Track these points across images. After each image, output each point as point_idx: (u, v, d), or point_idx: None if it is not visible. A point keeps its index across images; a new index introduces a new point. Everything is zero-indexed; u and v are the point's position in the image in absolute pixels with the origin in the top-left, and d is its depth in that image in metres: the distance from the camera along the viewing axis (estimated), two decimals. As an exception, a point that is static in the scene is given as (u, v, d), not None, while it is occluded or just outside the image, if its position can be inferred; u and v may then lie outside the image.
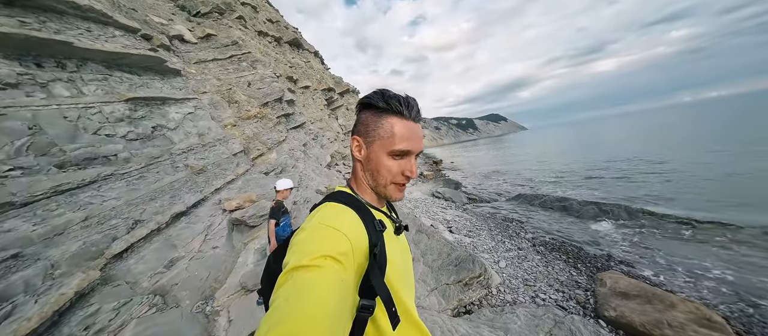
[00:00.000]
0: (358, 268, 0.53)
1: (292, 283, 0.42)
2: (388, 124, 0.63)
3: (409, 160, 0.65)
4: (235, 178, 6.57)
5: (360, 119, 0.69)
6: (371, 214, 0.64)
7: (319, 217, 0.57)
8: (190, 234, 3.85)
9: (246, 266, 3.37)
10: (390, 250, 0.62)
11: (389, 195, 0.67)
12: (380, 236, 0.60)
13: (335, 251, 0.48)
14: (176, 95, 6.14)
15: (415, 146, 0.64)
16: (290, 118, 12.14)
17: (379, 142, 0.64)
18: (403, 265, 0.68)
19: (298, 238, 0.53)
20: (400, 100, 0.63)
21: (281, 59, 15.99)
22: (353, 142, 0.69)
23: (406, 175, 0.65)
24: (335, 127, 18.37)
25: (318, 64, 21.92)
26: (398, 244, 0.70)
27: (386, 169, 0.65)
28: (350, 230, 0.54)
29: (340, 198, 0.67)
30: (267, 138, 8.99)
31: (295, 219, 5.11)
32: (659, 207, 7.14)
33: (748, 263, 4.19)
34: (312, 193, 7.21)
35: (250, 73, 10.48)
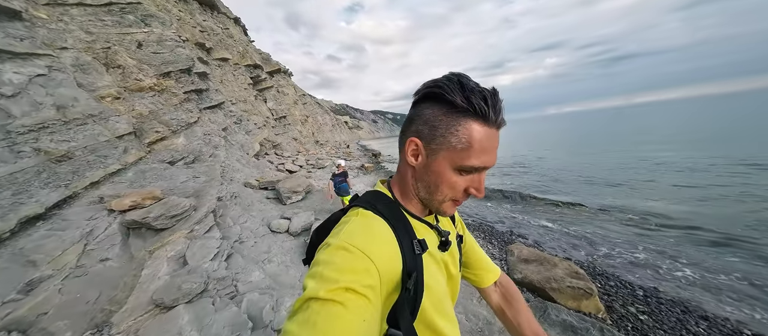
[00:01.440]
0: (387, 299, 0.46)
1: (305, 318, 0.36)
2: (466, 131, 0.47)
3: (480, 176, 0.51)
4: (122, 169, 5.06)
5: (422, 115, 0.51)
6: (411, 231, 0.53)
7: (347, 232, 0.47)
8: (58, 245, 2.73)
9: (157, 279, 2.64)
10: (430, 273, 0.53)
11: (442, 211, 0.55)
12: (419, 262, 0.50)
13: (359, 283, 0.40)
14: (15, 48, 4.19)
15: (493, 160, 0.50)
16: (203, 95, 10.06)
17: (448, 152, 0.49)
18: (444, 288, 0.58)
19: (321, 256, 0.44)
20: (486, 98, 0.46)
21: (187, 20, 12.92)
22: (409, 144, 0.53)
23: (471, 193, 0.52)
24: (264, 111, 16.27)
25: (240, 35, 18.73)
26: (440, 263, 0.59)
27: (449, 185, 0.51)
28: (381, 255, 0.45)
29: (376, 204, 0.55)
30: (171, 118, 7.22)
31: (222, 217, 4.33)
32: (540, 193, 9.35)
33: (592, 230, 6.01)
34: (239, 187, 6.26)
35: (141, 31, 8.09)
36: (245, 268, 3.19)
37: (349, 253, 0.43)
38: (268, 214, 5.16)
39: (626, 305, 3.20)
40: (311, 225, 4.55)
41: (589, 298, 2.88)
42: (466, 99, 0.46)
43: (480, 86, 0.48)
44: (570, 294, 2.92)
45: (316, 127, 32.42)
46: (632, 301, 3.33)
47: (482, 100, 0.46)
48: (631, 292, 3.57)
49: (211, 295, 2.59)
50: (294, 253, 3.86)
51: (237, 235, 4.02)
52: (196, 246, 3.30)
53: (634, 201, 7.79)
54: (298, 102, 24.79)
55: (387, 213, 0.53)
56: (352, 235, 0.46)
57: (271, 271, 3.37)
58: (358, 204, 0.57)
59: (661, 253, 4.83)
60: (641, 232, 5.78)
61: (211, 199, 4.43)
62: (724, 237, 5.16)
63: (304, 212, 5.02)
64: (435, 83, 0.49)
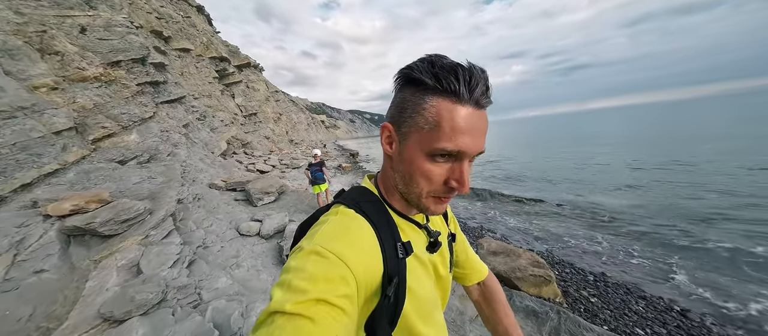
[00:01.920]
0: (365, 305, 0.42)
1: (268, 334, 0.32)
2: (433, 109, 0.42)
3: (460, 164, 0.44)
4: (60, 169, 4.48)
5: (394, 99, 0.48)
6: (396, 232, 0.49)
7: (322, 234, 0.43)
8: None
9: (105, 291, 2.36)
10: (416, 277, 0.49)
11: (425, 208, 0.48)
12: (402, 266, 0.46)
13: (333, 293, 0.35)
14: None
15: (473, 145, 0.42)
16: (160, 88, 9.22)
17: (417, 135, 0.43)
18: (431, 292, 0.53)
19: (291, 262, 0.39)
20: (457, 73, 0.41)
21: (142, 5, 11.72)
22: (383, 130, 0.49)
23: (452, 186, 0.45)
24: (231, 107, 15.30)
25: (204, 25, 17.40)
26: (428, 265, 0.54)
27: (423, 175, 0.44)
28: (359, 259, 0.40)
29: (360, 202, 0.51)
30: (121, 112, 6.53)
31: (182, 221, 4.01)
32: (505, 190, 9.96)
33: (552, 223, 6.58)
34: (203, 188, 5.83)
35: (85, 15, 7.18)
36: (210, 274, 2.98)
37: (323, 258, 0.38)
38: (237, 217, 4.88)
39: (579, 289, 3.54)
40: (285, 226, 4.39)
41: (548, 285, 3.14)
42: (434, 76, 0.41)
43: (454, 62, 0.42)
44: (532, 281, 3.16)
45: (291, 126, 31.26)
46: (585, 285, 3.70)
47: (452, 74, 0.41)
48: (583, 277, 3.96)
49: (171, 304, 2.39)
50: (266, 256, 3.70)
51: (200, 240, 3.75)
52: (152, 253, 3.02)
53: (587, 197, 8.63)
54: (271, 99, 23.70)
55: (370, 211, 0.49)
56: (329, 237, 0.42)
57: (240, 276, 3.20)
58: (340, 201, 0.52)
59: (609, 242, 5.42)
60: (594, 224, 6.44)
61: (170, 202, 4.07)
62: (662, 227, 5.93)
63: (278, 213, 4.83)
64: (407, 66, 0.45)
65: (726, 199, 7.26)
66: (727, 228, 5.59)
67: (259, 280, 3.13)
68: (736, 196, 7.33)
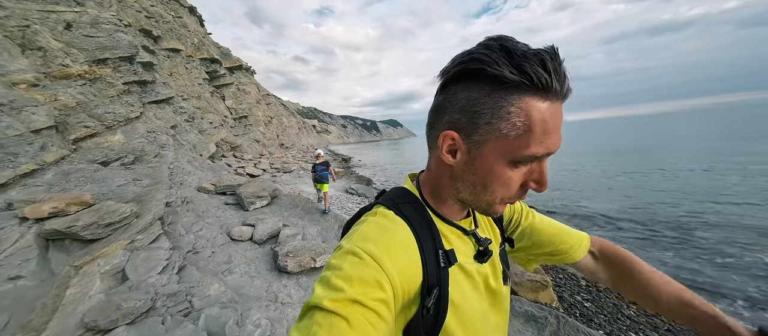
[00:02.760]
0: (404, 310, 0.40)
1: (307, 329, 0.32)
2: (521, 111, 0.36)
3: (541, 165, 0.40)
4: (38, 169, 4.24)
5: (456, 101, 0.40)
6: (438, 239, 0.45)
7: (360, 234, 0.41)
8: None
9: (88, 299, 2.19)
10: (459, 289, 0.45)
11: (491, 212, 0.45)
12: (443, 276, 0.42)
13: (368, 296, 0.34)
14: None
15: (557, 143, 0.39)
16: (148, 88, 8.94)
17: (498, 143, 0.38)
18: (479, 307, 0.47)
19: (331, 260, 0.39)
20: (544, 63, 0.34)
21: (131, 3, 11.42)
22: (444, 140, 0.42)
23: (531, 187, 0.41)
24: (221, 109, 14.98)
25: (195, 25, 17.10)
26: (476, 277, 0.48)
27: (501, 183, 0.40)
28: (396, 265, 0.38)
29: (400, 204, 0.47)
30: (105, 111, 6.27)
31: (171, 225, 3.83)
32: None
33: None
34: (191, 191, 5.63)
35: (72, 11, 6.93)
36: (202, 281, 2.85)
37: (360, 259, 0.37)
38: (228, 221, 4.71)
39: (574, 294, 3.61)
40: (279, 231, 4.27)
41: (544, 290, 3.18)
42: (518, 68, 0.34)
43: (533, 48, 0.35)
44: (529, 287, 3.19)
45: (282, 130, 30.86)
46: (578, 290, 3.77)
47: (540, 66, 0.34)
48: (576, 283, 4.04)
49: (161, 313, 2.26)
50: (260, 262, 3.58)
51: (190, 245, 3.59)
52: (139, 258, 2.86)
53: (576, 202, 8.90)
54: (262, 102, 23.38)
55: (410, 214, 0.46)
56: (366, 238, 0.40)
57: (233, 283, 3.07)
58: (380, 202, 0.50)
59: None
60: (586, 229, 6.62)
61: (158, 205, 3.90)
62: (650, 232, 6.19)
63: (271, 218, 4.70)
64: (469, 56, 0.37)
65: (703, 203, 7.71)
66: (708, 232, 5.90)
67: (253, 287, 3.02)
68: (710, 200, 7.82)
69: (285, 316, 2.54)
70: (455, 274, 0.45)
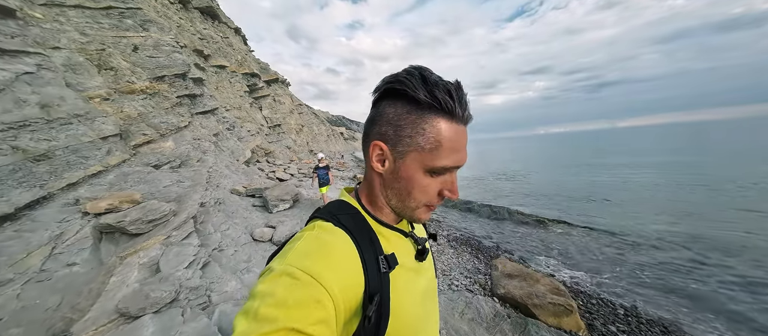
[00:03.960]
0: (345, 328, 0.39)
1: None
2: (434, 129, 0.43)
3: (452, 176, 0.47)
4: (103, 171, 4.94)
5: (383, 115, 0.46)
6: (378, 246, 0.46)
7: (295, 252, 0.39)
8: (23, 247, 2.60)
9: (125, 287, 2.52)
10: (400, 292, 0.46)
11: (417, 218, 0.49)
12: (384, 282, 0.43)
13: (306, 320, 0.32)
14: (6, 45, 4.16)
15: (464, 158, 0.46)
16: (197, 100, 10.05)
17: (417, 154, 0.44)
18: (421, 305, 0.50)
19: (259, 287, 0.36)
20: (450, 92, 0.42)
21: (187, 27, 13.08)
22: (374, 148, 0.47)
23: (444, 195, 0.47)
24: (258, 118, 16.28)
25: (240, 44, 19.00)
26: (416, 277, 0.51)
27: (421, 190, 0.46)
28: (337, 278, 0.38)
29: (338, 215, 0.48)
30: (161, 121, 7.16)
31: (203, 223, 4.22)
32: (526, 209, 9.45)
33: (576, 247, 6.08)
34: (225, 193, 6.15)
35: (139, 35, 8.14)
36: (222, 277, 3.08)
37: (295, 280, 0.35)
38: (252, 222, 5.05)
39: (607, 324, 3.19)
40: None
41: (569, 316, 2.87)
42: (430, 93, 0.41)
43: (443, 79, 0.43)
44: (551, 310, 2.91)
45: (311, 137, 32.47)
46: (613, 319, 3.33)
47: (447, 94, 0.42)
48: (612, 310, 3.57)
49: (182, 305, 2.48)
50: (275, 263, 3.77)
51: (216, 243, 3.91)
52: (172, 253, 3.19)
53: (619, 220, 7.92)
54: (294, 111, 24.90)
55: (349, 224, 0.46)
56: (303, 255, 0.39)
57: (249, 281, 3.27)
58: (316, 215, 0.50)
59: (644, 272, 4.88)
60: (626, 251, 5.85)
61: (193, 205, 4.33)
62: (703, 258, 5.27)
63: (291, 220, 4.94)
64: (395, 78, 0.44)
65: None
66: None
67: (267, 287, 3.18)
68: None
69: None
70: (397, 276, 0.46)
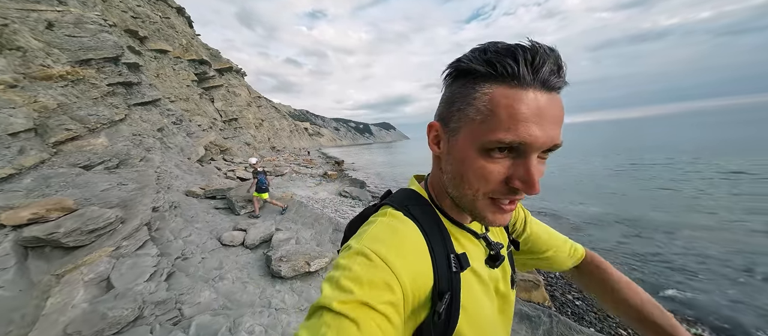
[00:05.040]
0: (413, 315, 0.39)
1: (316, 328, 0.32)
2: (485, 96, 0.36)
3: (525, 161, 0.37)
4: (15, 174, 4.04)
5: (442, 97, 0.44)
6: (449, 242, 0.44)
7: (370, 235, 0.40)
8: None
9: (70, 309, 2.08)
10: (472, 295, 0.44)
11: (482, 217, 0.41)
12: (455, 281, 0.41)
13: (377, 299, 0.33)
14: None
15: (541, 134, 0.35)
16: (133, 89, 8.68)
17: (468, 128, 0.38)
18: (491, 313, 0.47)
19: (340, 259, 0.38)
20: (516, 54, 0.35)
21: (116, 3, 11.11)
22: (429, 130, 0.45)
23: (515, 187, 0.38)
24: (210, 111, 14.68)
25: (184, 26, 16.76)
26: (488, 283, 0.47)
27: (476, 173, 0.38)
28: (407, 267, 0.37)
29: (409, 205, 0.46)
30: (88, 113, 6.05)
31: (158, 231, 3.71)
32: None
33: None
34: (179, 195, 5.48)
35: (54, 10, 6.68)
36: (192, 287, 2.77)
37: (369, 261, 0.36)
38: (218, 226, 4.61)
39: (565, 293, 3.69)
40: (272, 235, 4.20)
41: (537, 289, 3.24)
42: (486, 61, 0.36)
43: (512, 44, 0.36)
44: (522, 286, 3.24)
45: (273, 132, 30.46)
46: (569, 289, 3.85)
47: (510, 57, 0.35)
48: (567, 282, 4.13)
49: (149, 322, 2.18)
50: (252, 267, 3.50)
51: (179, 251, 3.49)
52: (125, 266, 2.77)
53: (564, 204, 9.13)
54: (252, 104, 23.06)
55: (420, 216, 0.44)
56: (376, 239, 0.39)
57: (225, 289, 2.99)
58: (388, 202, 0.48)
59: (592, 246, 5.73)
60: (572, 229, 6.78)
61: (145, 210, 3.78)
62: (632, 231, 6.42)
63: (263, 222, 4.62)
64: (458, 58, 0.40)
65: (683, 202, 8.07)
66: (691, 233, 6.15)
67: (246, 293, 2.95)
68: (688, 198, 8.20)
69: (279, 322, 2.49)
70: (467, 278, 0.44)
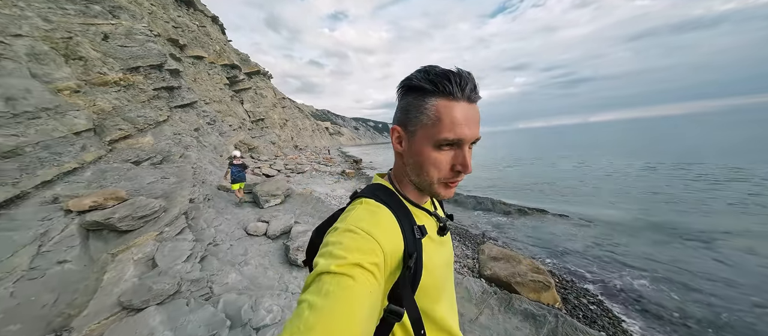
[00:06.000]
0: (390, 277, 0.50)
1: (318, 288, 0.40)
2: (433, 107, 0.51)
3: (461, 151, 0.53)
4: (79, 168, 4.69)
5: (399, 106, 0.58)
6: (411, 217, 0.58)
7: (353, 217, 0.52)
8: (7, 246, 2.48)
9: (123, 282, 2.49)
10: (429, 256, 0.56)
11: (436, 193, 0.57)
12: (419, 245, 0.54)
13: (366, 260, 0.43)
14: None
15: (470, 132, 0.52)
16: (175, 93, 9.57)
17: (423, 130, 0.53)
18: (444, 270, 0.62)
19: (330, 238, 0.48)
20: (450, 77, 0.50)
21: (160, 15, 12.27)
22: (393, 132, 0.59)
23: (458, 170, 0.53)
24: (240, 112, 15.70)
25: (217, 34, 18.05)
26: (440, 247, 0.63)
27: (432, 164, 0.53)
28: (385, 236, 0.49)
29: (378, 194, 0.59)
30: (137, 115, 6.81)
31: (194, 219, 4.16)
32: (509, 199, 10.04)
33: (554, 234, 6.56)
34: (212, 189, 6.02)
35: (108, 23, 7.59)
36: (221, 270, 3.11)
37: (356, 234, 0.47)
38: (244, 218, 5.02)
39: (579, 297, 3.58)
40: (291, 228, 4.51)
41: (547, 290, 3.21)
42: (430, 81, 0.51)
43: (447, 69, 0.52)
44: (531, 287, 3.22)
45: (296, 132, 31.74)
46: (584, 293, 3.74)
47: (447, 80, 0.50)
48: (583, 286, 4.00)
49: (185, 296, 2.51)
50: (272, 255, 3.82)
51: (211, 238, 3.89)
52: (167, 248, 3.17)
53: (591, 207, 8.65)
54: (278, 105, 24.18)
55: (388, 201, 0.57)
56: (358, 219, 0.51)
57: (249, 273, 3.32)
58: (361, 195, 0.61)
59: (610, 253, 5.44)
60: (597, 235, 6.46)
61: (183, 201, 4.25)
62: (668, 236, 5.96)
63: (284, 215, 4.97)
64: (407, 77, 0.56)
65: (733, 214, 7.27)
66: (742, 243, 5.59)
67: (266, 277, 3.25)
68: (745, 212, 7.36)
69: (294, 304, 2.74)
70: (426, 243, 0.58)
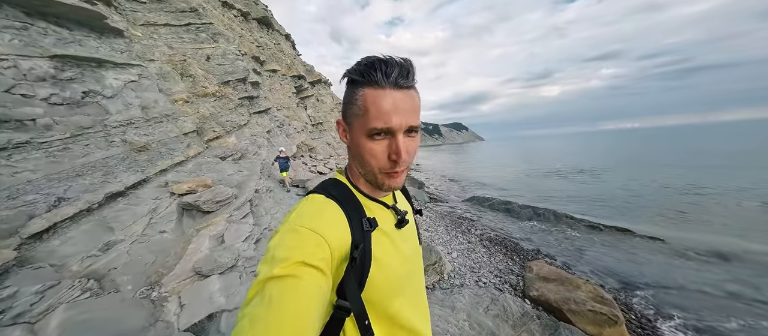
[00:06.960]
0: (338, 271, 0.47)
1: (261, 297, 0.37)
2: (361, 97, 0.50)
3: (394, 139, 0.50)
4: (184, 161, 5.99)
5: (343, 98, 0.57)
6: (361, 210, 0.55)
7: (296, 215, 0.50)
8: (131, 216, 3.43)
9: (199, 252, 3.15)
10: (382, 249, 0.54)
11: (381, 184, 0.55)
12: (367, 237, 0.52)
13: (312, 257, 0.41)
14: (116, 58, 5.35)
15: (400, 120, 0.49)
16: (254, 101, 11.37)
17: (357, 121, 0.52)
18: (403, 266, 0.58)
19: (271, 242, 0.45)
20: (375, 66, 0.48)
21: (247, 37, 14.80)
22: (338, 126, 0.58)
23: (393, 159, 0.51)
24: (303, 117, 17.68)
25: (289, 49, 20.78)
26: (397, 240, 0.59)
27: (368, 153, 0.52)
28: (329, 231, 0.47)
29: (329, 188, 0.58)
30: (226, 120, 8.32)
31: (256, 207, 4.88)
32: (579, 213, 8.52)
33: (632, 259, 5.33)
34: (274, 183, 6.93)
35: (210, 47, 9.55)
36: (270, 252, 3.57)
37: (298, 233, 0.44)
38: (297, 209, 5.63)
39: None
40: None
41: (613, 326, 2.63)
42: (359, 72, 0.50)
43: (375, 57, 0.50)
44: (590, 318, 2.70)
45: (351, 135, 33.77)
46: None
47: (371, 68, 0.49)
48: (675, 327, 3.13)
49: (240, 270, 2.98)
50: (314, 245, 4.19)
51: (267, 223, 4.49)
52: (233, 228, 3.80)
53: (694, 230, 6.68)
54: (335, 109, 26.22)
55: (338, 195, 0.55)
56: (300, 217, 0.48)
57: (293, 258, 3.72)
58: (311, 190, 0.59)
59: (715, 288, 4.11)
60: (700, 265, 4.96)
61: (250, 190, 5.02)
62: None
63: (328, 210, 5.38)
64: (347, 70, 0.54)
65: None
66: None
67: (307, 265, 3.58)
68: None
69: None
70: (377, 236, 0.55)
